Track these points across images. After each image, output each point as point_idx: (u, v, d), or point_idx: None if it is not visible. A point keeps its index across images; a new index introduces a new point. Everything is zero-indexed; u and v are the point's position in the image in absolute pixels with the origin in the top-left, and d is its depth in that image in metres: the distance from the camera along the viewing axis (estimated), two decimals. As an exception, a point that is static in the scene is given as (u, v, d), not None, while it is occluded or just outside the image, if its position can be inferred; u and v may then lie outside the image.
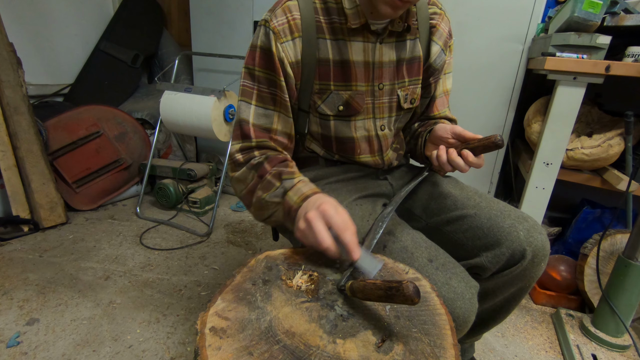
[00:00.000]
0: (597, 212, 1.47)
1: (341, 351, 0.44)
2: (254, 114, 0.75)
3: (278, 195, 0.67)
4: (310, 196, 0.63)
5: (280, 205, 0.68)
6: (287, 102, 0.75)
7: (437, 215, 0.81)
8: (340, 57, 0.75)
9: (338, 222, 0.57)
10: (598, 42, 1.15)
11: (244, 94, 0.76)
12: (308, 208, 0.60)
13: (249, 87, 0.75)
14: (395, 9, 0.67)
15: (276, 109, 0.75)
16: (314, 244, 0.57)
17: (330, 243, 0.56)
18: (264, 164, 0.71)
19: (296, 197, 0.64)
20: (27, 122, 1.68)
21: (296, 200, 0.64)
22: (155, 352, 1.10)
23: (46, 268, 1.46)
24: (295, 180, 0.67)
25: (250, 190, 0.73)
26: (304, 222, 0.58)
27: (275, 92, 0.74)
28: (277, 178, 0.68)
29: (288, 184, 0.67)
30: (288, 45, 0.71)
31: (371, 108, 0.80)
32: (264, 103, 0.75)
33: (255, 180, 0.71)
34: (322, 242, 0.55)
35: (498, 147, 0.69)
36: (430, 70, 0.85)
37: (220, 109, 1.81)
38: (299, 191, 0.65)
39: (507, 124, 1.60)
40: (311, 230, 0.57)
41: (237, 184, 0.76)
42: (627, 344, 1.13)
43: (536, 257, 0.72)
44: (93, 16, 2.32)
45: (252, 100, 0.75)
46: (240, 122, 0.75)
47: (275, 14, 0.72)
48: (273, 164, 0.71)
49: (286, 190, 0.66)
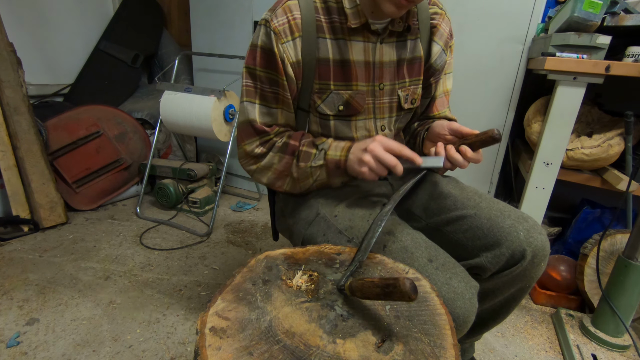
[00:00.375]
0: (597, 212, 1.47)
1: (341, 351, 0.44)
2: (258, 112, 0.77)
3: (320, 158, 0.75)
4: (351, 147, 0.73)
5: (324, 167, 0.75)
6: (289, 100, 0.77)
7: (437, 215, 0.81)
8: (340, 57, 0.75)
9: (394, 145, 0.68)
10: (598, 42, 1.15)
11: (247, 95, 0.77)
12: (361, 147, 0.70)
13: (252, 87, 0.76)
14: (400, 8, 0.67)
15: (279, 107, 0.77)
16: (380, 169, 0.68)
17: (396, 160, 0.67)
18: (290, 142, 0.77)
19: (338, 152, 0.74)
20: (27, 122, 1.68)
21: (340, 154, 0.73)
22: (155, 352, 1.10)
23: (46, 268, 1.46)
24: (329, 141, 0.76)
25: (281, 170, 0.79)
26: (368, 155, 0.68)
27: (277, 91, 0.75)
28: (312, 146, 0.76)
29: (325, 146, 0.75)
30: (289, 45, 0.72)
31: (372, 108, 0.80)
32: (267, 102, 0.76)
33: (287, 158, 0.77)
34: (390, 161, 0.66)
35: (496, 142, 0.69)
36: (431, 71, 0.85)
37: (220, 109, 1.81)
38: (338, 147, 0.74)
39: (507, 124, 1.60)
40: (376, 158, 0.67)
41: (262, 173, 0.80)
42: (627, 344, 1.13)
43: (536, 257, 0.72)
44: (93, 16, 2.32)
45: (256, 100, 0.76)
46: (251, 123, 0.77)
47: (275, 14, 0.72)
48: (298, 138, 0.77)
49: (326, 151, 0.74)
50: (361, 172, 0.70)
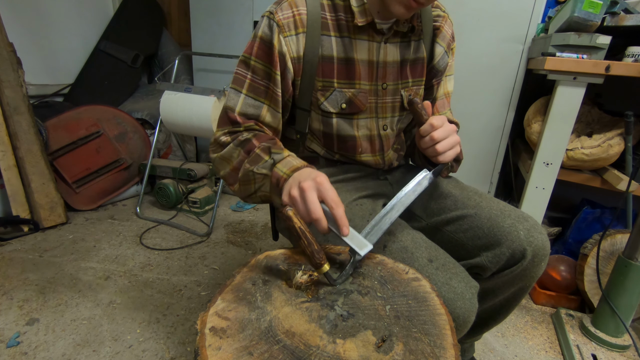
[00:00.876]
0: (597, 212, 1.47)
1: (341, 351, 0.44)
2: (242, 102, 0.74)
3: (266, 168, 0.66)
4: (300, 168, 0.63)
5: (268, 179, 0.66)
6: (278, 97, 0.75)
7: (437, 215, 0.81)
8: (345, 55, 0.75)
9: (332, 196, 0.56)
10: (598, 42, 1.15)
11: (235, 82, 0.75)
12: (301, 178, 0.59)
13: (242, 76, 0.74)
14: (409, 10, 0.67)
15: (266, 102, 0.75)
16: (303, 214, 0.57)
17: (321, 215, 0.55)
18: (252, 140, 0.70)
19: (285, 168, 0.63)
20: (27, 122, 1.68)
21: (285, 171, 0.63)
22: (155, 352, 1.10)
23: (46, 268, 1.46)
24: (285, 154, 0.67)
25: (235, 167, 0.71)
26: (297, 190, 0.57)
27: (268, 85, 0.74)
28: (266, 152, 0.68)
29: (277, 157, 0.66)
30: (291, 39, 0.72)
31: (374, 107, 0.80)
32: (256, 94, 0.74)
33: (242, 156, 0.70)
34: (314, 212, 0.55)
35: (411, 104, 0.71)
36: (433, 72, 0.85)
37: (220, 109, 1.80)
38: (289, 163, 0.64)
39: (507, 124, 1.60)
40: (303, 200, 0.56)
41: (221, 163, 0.75)
42: (627, 344, 1.13)
43: (536, 257, 0.72)
44: (93, 16, 2.32)
45: (242, 89, 0.74)
46: (226, 110, 0.75)
47: (281, 7, 0.72)
48: (262, 140, 0.70)
49: (275, 162, 0.65)
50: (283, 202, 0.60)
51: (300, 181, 0.58)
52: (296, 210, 0.56)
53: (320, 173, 0.59)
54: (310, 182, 0.57)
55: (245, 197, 0.73)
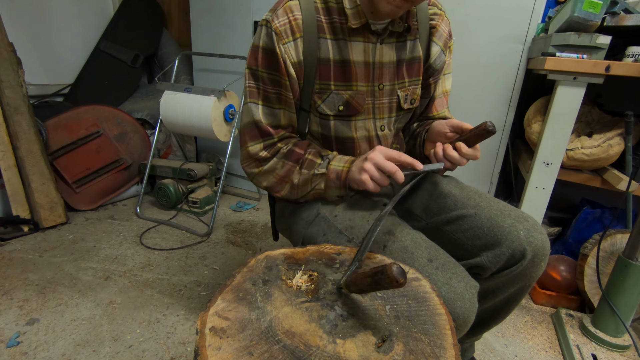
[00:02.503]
0: (597, 212, 1.47)
1: (341, 351, 0.44)
2: (262, 113, 0.77)
3: (324, 167, 0.76)
4: (354, 160, 0.75)
5: (324, 176, 0.76)
6: (291, 100, 0.77)
7: (437, 215, 0.81)
8: (340, 57, 0.75)
9: (394, 153, 0.69)
10: (598, 42, 1.15)
11: (251, 96, 0.77)
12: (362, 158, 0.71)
13: (254, 88, 0.77)
14: (398, 8, 0.67)
15: (281, 107, 0.77)
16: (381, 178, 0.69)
17: (397, 168, 0.67)
18: (295, 150, 0.78)
19: (342, 163, 0.75)
20: (27, 122, 1.68)
21: (344, 165, 0.75)
22: (155, 352, 1.10)
23: (46, 268, 1.46)
24: (334, 153, 0.79)
25: (282, 176, 0.80)
26: (369, 163, 0.69)
27: (280, 92, 0.75)
28: (317, 156, 0.78)
29: (330, 157, 0.77)
30: (290, 45, 0.72)
31: (371, 108, 0.80)
32: (270, 102, 0.77)
33: (289, 165, 0.78)
34: (391, 168, 0.67)
35: (490, 134, 0.70)
36: (430, 71, 0.85)
37: (220, 109, 1.81)
38: (342, 159, 0.76)
39: (507, 124, 1.60)
40: (377, 165, 0.68)
41: (264, 177, 0.81)
42: (627, 344, 1.12)
43: (536, 257, 0.72)
44: (93, 16, 2.32)
45: (259, 101, 0.77)
46: (256, 124, 0.78)
47: (276, 14, 0.72)
48: (304, 147, 0.79)
49: (330, 161, 0.76)
50: (362, 180, 0.70)
51: (364, 160, 0.70)
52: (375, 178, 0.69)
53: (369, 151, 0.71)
54: (374, 153, 0.69)
55: (297, 198, 0.82)
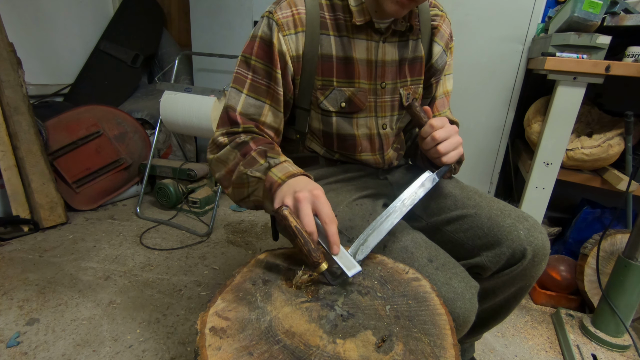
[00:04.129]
0: (597, 212, 1.47)
1: (341, 351, 0.44)
2: (243, 102, 0.73)
3: (261, 171, 0.64)
4: (296, 175, 0.61)
5: (262, 183, 0.64)
6: (280, 96, 0.74)
7: (438, 215, 0.81)
8: (344, 54, 0.75)
9: (327, 212, 0.55)
10: (598, 42, 1.15)
11: (236, 81, 0.75)
12: (297, 188, 0.57)
13: (243, 75, 0.74)
14: (402, 7, 0.67)
15: (267, 101, 0.74)
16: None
17: (314, 229, 0.54)
18: (250, 143, 0.69)
19: (281, 173, 0.61)
20: (27, 122, 1.68)
21: (280, 176, 0.61)
22: (155, 352, 1.10)
23: (46, 268, 1.46)
24: (281, 159, 0.65)
25: (230, 169, 0.70)
26: (292, 200, 0.56)
27: (269, 84, 0.73)
28: (262, 155, 0.66)
29: (273, 162, 0.64)
30: (290, 38, 0.72)
31: (373, 106, 0.80)
32: (257, 94, 0.74)
33: (238, 158, 0.68)
34: (307, 225, 0.54)
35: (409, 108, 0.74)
36: (431, 71, 0.86)
37: (220, 109, 1.81)
38: (285, 169, 0.63)
39: (507, 124, 1.60)
40: (297, 211, 0.55)
41: (217, 165, 0.73)
42: (627, 344, 1.12)
43: (536, 257, 0.72)
44: (93, 16, 2.32)
45: (243, 89, 0.74)
46: (227, 109, 0.74)
47: (280, 7, 0.72)
48: (259, 143, 0.69)
49: (270, 166, 0.64)
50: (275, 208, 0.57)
51: (295, 190, 0.56)
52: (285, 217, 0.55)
53: (317, 185, 0.58)
54: (306, 194, 0.55)
55: (238, 200, 0.72)
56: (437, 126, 0.68)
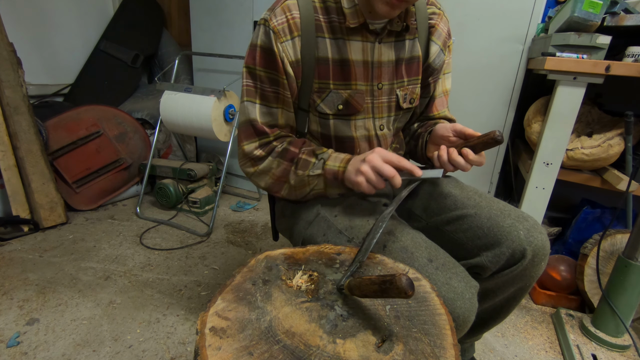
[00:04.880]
0: (597, 212, 1.47)
1: (341, 351, 0.44)
2: (259, 112, 0.77)
3: (319, 168, 0.74)
4: (350, 159, 0.72)
5: (322, 177, 0.74)
6: (289, 99, 0.77)
7: (437, 215, 0.81)
8: (339, 56, 0.75)
9: (392, 156, 0.67)
10: (598, 42, 1.15)
11: (248, 94, 0.77)
12: (360, 158, 0.69)
13: (252, 87, 0.76)
14: (393, 7, 0.67)
15: (279, 106, 0.77)
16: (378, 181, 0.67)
17: (395, 172, 0.65)
18: (290, 149, 0.76)
19: (337, 163, 0.73)
20: (27, 122, 1.68)
21: (339, 165, 0.72)
22: (155, 352, 1.10)
23: (46, 268, 1.46)
24: (330, 152, 0.76)
25: (279, 176, 0.78)
26: (366, 165, 0.67)
27: (278, 90, 0.75)
28: (311, 155, 0.75)
29: (325, 156, 0.75)
30: (288, 44, 0.72)
31: (370, 107, 0.80)
32: (268, 101, 0.76)
33: (285, 165, 0.76)
34: (389, 172, 0.65)
35: (498, 143, 0.70)
36: (429, 70, 0.85)
37: (220, 109, 1.81)
38: (337, 158, 0.74)
39: (507, 124, 1.60)
40: (374, 168, 0.66)
41: (260, 177, 0.80)
42: (627, 344, 1.12)
43: (536, 257, 0.72)
44: (93, 16, 2.32)
45: (256, 100, 0.76)
46: (251, 122, 0.77)
47: (274, 13, 0.72)
48: (298, 145, 0.77)
49: (325, 161, 0.74)
50: (357, 182, 0.68)
51: (363, 159, 0.68)
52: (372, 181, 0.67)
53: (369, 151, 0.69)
54: (372, 155, 0.67)
55: (299, 198, 0.81)
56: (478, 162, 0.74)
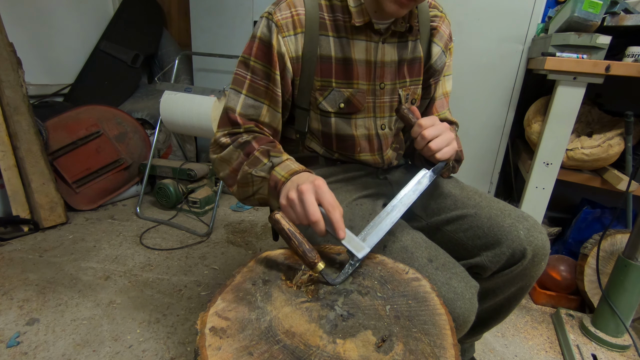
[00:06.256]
0: (597, 212, 1.47)
1: (341, 351, 0.44)
2: (242, 103, 0.74)
3: (265, 170, 0.67)
4: (299, 172, 0.63)
5: (266, 182, 0.67)
6: (278, 97, 0.75)
7: (438, 214, 0.81)
8: (342, 55, 0.75)
9: (330, 200, 0.56)
10: (598, 42, 1.15)
11: (235, 82, 0.76)
12: (299, 181, 0.59)
13: (242, 76, 0.75)
14: (402, 6, 0.67)
15: (266, 102, 0.75)
16: (301, 216, 0.57)
17: (320, 217, 0.55)
18: (252, 142, 0.71)
19: (284, 172, 0.64)
20: (27, 122, 1.68)
21: (284, 174, 0.63)
22: (155, 352, 1.10)
23: (46, 268, 1.46)
24: (284, 157, 0.67)
25: (235, 168, 0.72)
26: (295, 193, 0.57)
27: (268, 85, 0.74)
28: (265, 155, 0.68)
29: (276, 160, 0.67)
30: (290, 39, 0.72)
31: (372, 107, 0.80)
32: (255, 94, 0.75)
33: (242, 158, 0.71)
34: (312, 214, 0.55)
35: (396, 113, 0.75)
36: (430, 71, 0.86)
37: (220, 109, 1.81)
38: (287, 167, 0.65)
39: (507, 124, 1.60)
40: (302, 202, 0.56)
41: (221, 165, 0.75)
42: (627, 344, 1.13)
43: (536, 257, 0.72)
44: (93, 16, 2.32)
45: (242, 90, 0.75)
46: (226, 110, 0.75)
47: (279, 7, 0.72)
48: (261, 142, 0.71)
49: (274, 165, 0.66)
50: (282, 204, 0.60)
51: (298, 184, 0.58)
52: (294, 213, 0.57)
53: (319, 177, 0.60)
54: (308, 185, 0.56)
55: (243, 199, 0.74)
56: (426, 125, 0.68)
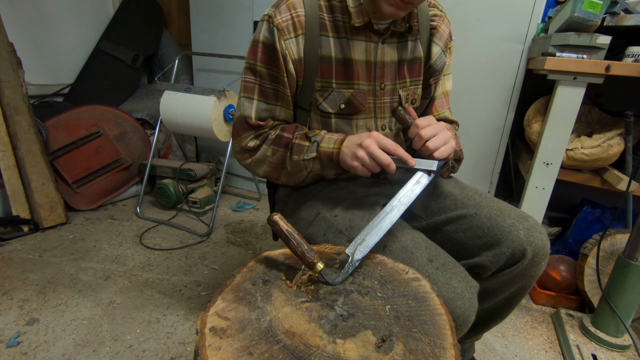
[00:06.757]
0: (597, 212, 1.47)
1: (341, 351, 0.44)
2: (256, 108, 0.77)
3: (313, 151, 0.74)
4: (344, 139, 0.72)
5: (317, 160, 0.74)
6: (288, 97, 0.78)
7: (437, 214, 0.81)
8: (342, 55, 0.75)
9: (390, 143, 0.67)
10: (598, 42, 1.15)
11: (246, 90, 0.77)
12: (356, 141, 0.69)
13: (251, 83, 0.77)
14: (398, 9, 0.67)
15: (278, 104, 0.78)
16: (373, 166, 0.67)
17: (390, 159, 0.66)
18: (283, 135, 0.76)
19: (331, 144, 0.72)
20: (27, 122, 1.68)
21: (333, 146, 0.72)
22: (155, 352, 1.10)
23: (46, 268, 1.46)
24: (322, 133, 0.75)
25: (276, 163, 0.78)
26: (362, 150, 0.67)
27: (277, 88, 0.76)
28: (304, 138, 0.75)
29: (318, 138, 0.74)
30: (291, 42, 0.72)
31: (372, 107, 0.81)
32: (267, 98, 0.77)
33: (281, 151, 0.76)
34: (384, 160, 0.66)
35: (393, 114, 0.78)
36: (430, 71, 0.86)
37: (220, 109, 1.81)
38: (331, 140, 0.73)
39: (507, 124, 1.60)
40: (370, 155, 0.66)
41: (258, 166, 0.81)
42: (627, 344, 1.12)
43: (536, 257, 0.72)
44: (93, 16, 2.32)
45: (254, 96, 0.77)
46: (245, 119, 0.78)
47: (279, 10, 0.72)
48: (291, 131, 0.76)
49: (318, 143, 0.73)
50: (353, 166, 0.69)
51: (358, 144, 0.68)
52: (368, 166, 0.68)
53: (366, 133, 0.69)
54: (368, 140, 0.67)
55: (298, 183, 0.81)
56: (422, 125, 0.70)
